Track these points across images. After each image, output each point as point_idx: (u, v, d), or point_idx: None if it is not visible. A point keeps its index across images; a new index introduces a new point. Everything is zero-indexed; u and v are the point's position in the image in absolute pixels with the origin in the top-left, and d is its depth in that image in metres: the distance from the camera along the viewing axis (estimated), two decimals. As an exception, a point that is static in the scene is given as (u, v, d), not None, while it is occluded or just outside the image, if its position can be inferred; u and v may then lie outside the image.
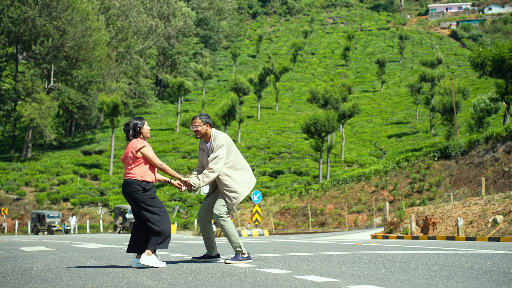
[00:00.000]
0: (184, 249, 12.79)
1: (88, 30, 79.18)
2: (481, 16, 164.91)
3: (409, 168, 48.61)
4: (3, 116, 79.30)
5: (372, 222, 44.74)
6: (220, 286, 5.44)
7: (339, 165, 68.18)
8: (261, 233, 39.63)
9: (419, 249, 11.45)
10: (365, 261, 8.04)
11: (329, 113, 59.33)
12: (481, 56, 47.41)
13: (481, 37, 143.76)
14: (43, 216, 57.44)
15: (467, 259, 8.33)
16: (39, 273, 7.10)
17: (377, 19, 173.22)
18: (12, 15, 75.94)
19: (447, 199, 40.54)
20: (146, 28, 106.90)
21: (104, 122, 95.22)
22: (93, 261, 8.99)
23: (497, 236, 19.25)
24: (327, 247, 13.19)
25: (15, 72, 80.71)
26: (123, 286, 5.62)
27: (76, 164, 74.13)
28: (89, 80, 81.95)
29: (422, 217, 24.88)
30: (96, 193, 66.35)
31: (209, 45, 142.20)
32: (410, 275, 6.08)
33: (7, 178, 68.25)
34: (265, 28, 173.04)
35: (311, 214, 49.10)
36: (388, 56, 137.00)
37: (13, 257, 10.68)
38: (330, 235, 32.35)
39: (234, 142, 79.27)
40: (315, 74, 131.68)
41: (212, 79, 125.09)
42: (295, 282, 5.58)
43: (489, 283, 5.45)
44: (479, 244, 14.66)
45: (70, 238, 30.74)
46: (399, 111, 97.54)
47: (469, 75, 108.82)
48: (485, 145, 43.29)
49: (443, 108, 62.56)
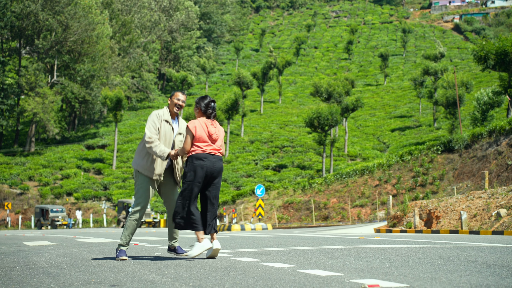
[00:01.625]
0: (188, 243, 12.79)
1: (91, 24, 79.17)
2: (484, 9, 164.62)
3: (412, 162, 48.55)
4: (7, 111, 79.36)
5: (376, 216, 44.72)
6: (223, 280, 5.44)
7: (342, 159, 68.17)
8: (265, 227, 39.64)
9: (422, 243, 11.44)
10: (369, 255, 8.03)
11: (332, 107, 59.29)
12: (484, 49, 47.29)
13: (484, 31, 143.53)
14: (46, 211, 57.53)
15: (471, 252, 8.33)
16: (42, 268, 7.10)
17: (380, 13, 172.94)
18: (15, 10, 75.96)
19: (450, 193, 40.49)
20: (149, 22, 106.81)
21: (108, 116, 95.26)
22: (96, 256, 9.00)
23: (500, 229, 19.23)
24: (331, 241, 13.19)
25: (18, 67, 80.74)
26: (127, 280, 5.63)
27: (80, 159, 74.20)
28: (92, 75, 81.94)
29: (425, 211, 24.86)
30: (100, 188, 66.42)
31: (212, 39, 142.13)
32: (413, 269, 6.07)
33: (11, 172, 68.34)
34: (268, 22, 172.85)
35: (315, 208, 49.10)
36: (391, 49, 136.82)
37: (16, 252, 10.70)
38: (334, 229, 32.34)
39: (237, 136, 79.60)
40: (318, 68, 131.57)
41: (215, 73, 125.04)
42: (298, 276, 5.58)
43: (493, 276, 5.44)
44: (483, 238, 14.65)
45: (74, 232, 30.80)
46: (402, 104, 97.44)
47: (472, 69, 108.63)
48: (488, 138, 43.20)
49: (446, 101, 62.48)
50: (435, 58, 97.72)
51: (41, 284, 5.50)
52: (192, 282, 5.38)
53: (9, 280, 5.89)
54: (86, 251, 10.52)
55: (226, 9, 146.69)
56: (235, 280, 5.40)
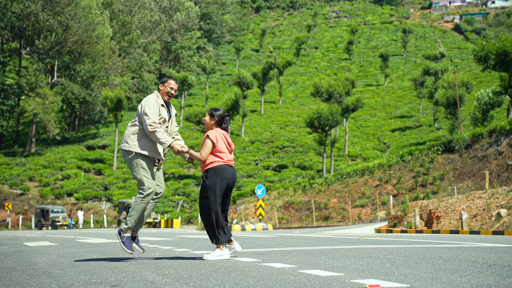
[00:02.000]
0: (188, 244, 12.80)
1: (91, 24, 79.21)
2: (485, 9, 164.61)
3: (412, 162, 48.56)
4: (7, 111, 79.39)
5: (376, 216, 44.73)
6: (224, 280, 5.45)
7: (342, 159, 68.17)
8: (265, 227, 39.66)
9: (423, 243, 11.45)
10: (369, 255, 8.04)
11: (333, 107, 59.31)
12: (484, 49, 47.31)
13: (485, 31, 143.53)
14: (47, 211, 57.52)
15: (471, 252, 8.33)
16: (43, 268, 7.11)
17: (380, 13, 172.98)
18: (15, 10, 75.99)
19: (451, 193, 40.50)
20: (149, 23, 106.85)
21: (108, 116, 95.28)
22: (97, 256, 9.00)
23: (501, 229, 19.24)
24: (331, 241, 13.19)
25: (18, 67, 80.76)
26: (127, 281, 5.63)
27: (80, 159, 74.20)
28: (92, 75, 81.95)
29: (426, 211, 24.87)
30: (100, 188, 66.41)
31: (213, 39, 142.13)
32: (414, 269, 6.07)
33: (11, 173, 68.34)
34: (268, 22, 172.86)
35: (315, 208, 49.11)
36: (392, 50, 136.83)
37: (17, 252, 10.70)
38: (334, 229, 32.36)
39: (238, 136, 79.66)
40: (319, 68, 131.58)
41: (216, 73, 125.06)
42: (299, 276, 5.58)
43: (493, 276, 5.44)
44: (483, 238, 14.65)
45: (74, 233, 30.81)
46: (402, 105, 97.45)
47: (472, 69, 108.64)
48: (488, 138, 43.21)
49: (447, 101, 62.47)
50: (436, 58, 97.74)
51: (41, 285, 5.50)
52: (192, 282, 5.39)
53: (10, 281, 5.89)
54: (87, 251, 10.53)
55: (227, 9, 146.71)
56: (235, 281, 5.41)
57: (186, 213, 59.35)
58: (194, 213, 57.07)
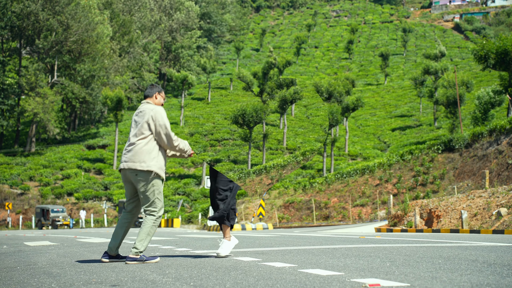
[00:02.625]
0: (189, 243, 12.80)
1: (91, 24, 79.19)
2: (485, 8, 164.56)
3: (413, 161, 48.56)
4: (7, 111, 79.35)
5: (376, 215, 44.74)
6: (224, 280, 5.44)
7: (343, 158, 68.16)
8: (265, 226, 39.67)
9: (423, 242, 11.45)
10: (370, 254, 8.04)
11: (333, 106, 59.29)
12: (484, 48, 47.29)
13: (485, 30, 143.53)
14: (47, 211, 57.53)
15: (472, 251, 8.33)
16: (43, 268, 7.11)
17: (380, 12, 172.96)
18: (15, 10, 75.96)
19: (451, 192, 40.50)
20: (150, 22, 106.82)
21: (108, 116, 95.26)
22: (97, 256, 9.00)
23: (501, 228, 19.24)
24: (331, 240, 13.19)
25: (18, 67, 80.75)
26: (128, 280, 5.63)
27: (80, 159, 74.19)
28: (92, 75, 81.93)
29: (426, 210, 24.87)
30: (100, 188, 66.42)
31: (213, 39, 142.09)
32: (414, 268, 6.07)
33: (11, 172, 68.33)
34: (268, 22, 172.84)
35: (315, 208, 49.11)
36: (392, 49, 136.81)
37: (17, 252, 10.70)
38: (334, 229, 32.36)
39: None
40: (319, 68, 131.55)
41: (216, 73, 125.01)
42: (299, 276, 5.58)
43: (493, 275, 5.44)
44: (483, 237, 14.65)
45: (75, 232, 30.81)
46: (402, 104, 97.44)
47: (472, 68, 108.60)
48: (488, 137, 43.21)
49: (447, 101, 62.47)
50: (436, 57, 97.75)
51: (42, 284, 5.50)
52: (193, 282, 5.39)
53: (10, 280, 5.89)
54: (87, 251, 10.53)
55: (227, 8, 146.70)
56: (236, 280, 5.41)
57: (186, 212, 59.35)
58: (194, 212, 57.05)
